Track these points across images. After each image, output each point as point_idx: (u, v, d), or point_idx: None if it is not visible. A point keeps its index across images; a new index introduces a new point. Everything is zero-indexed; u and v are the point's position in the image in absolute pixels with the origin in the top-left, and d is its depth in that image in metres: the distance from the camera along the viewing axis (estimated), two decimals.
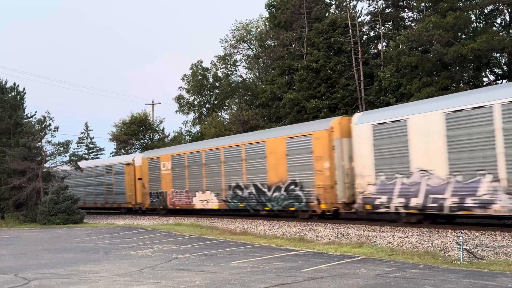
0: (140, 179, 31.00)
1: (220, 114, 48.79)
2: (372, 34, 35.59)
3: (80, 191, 35.15)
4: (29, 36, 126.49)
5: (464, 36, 26.97)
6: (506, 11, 27.70)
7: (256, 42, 46.57)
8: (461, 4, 26.87)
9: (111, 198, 33.64)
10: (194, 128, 50.63)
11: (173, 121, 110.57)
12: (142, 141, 49.49)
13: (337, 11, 37.97)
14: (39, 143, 29.24)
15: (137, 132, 48.66)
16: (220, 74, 49.44)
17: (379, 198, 17.18)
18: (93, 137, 57.20)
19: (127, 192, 32.06)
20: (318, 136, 19.80)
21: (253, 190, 22.65)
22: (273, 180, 21.66)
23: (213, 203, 25.05)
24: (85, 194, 35.18)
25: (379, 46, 34.29)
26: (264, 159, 22.16)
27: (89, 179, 35.63)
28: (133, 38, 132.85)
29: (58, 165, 29.83)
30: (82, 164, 34.63)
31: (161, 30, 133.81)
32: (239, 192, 23.40)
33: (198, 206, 26.04)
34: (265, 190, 21.97)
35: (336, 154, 19.16)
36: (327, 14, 37.20)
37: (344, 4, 37.28)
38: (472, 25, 27.92)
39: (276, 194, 21.43)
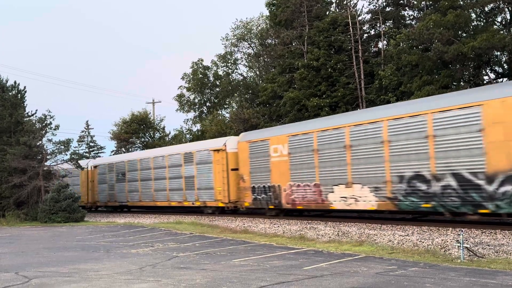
0: (235, 169, 24.39)
1: (220, 112, 48.81)
2: (372, 32, 35.57)
3: (146, 186, 30.59)
4: (29, 35, 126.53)
5: (464, 35, 26.95)
6: (506, 9, 27.67)
7: (257, 41, 46.56)
8: (461, 3, 26.83)
9: (191, 194, 26.97)
10: (195, 126, 50.73)
11: (173, 120, 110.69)
12: (142, 139, 49.53)
13: (337, 10, 37.94)
14: (40, 142, 29.30)
15: (137, 130, 48.71)
16: (220, 73, 49.48)
17: None
18: (94, 136, 57.13)
19: (216, 187, 25.31)
20: None
21: (452, 183, 15.39)
22: (499, 166, 14.24)
23: (367, 202, 17.92)
24: (154, 190, 29.81)
25: (380, 45, 34.30)
26: (476, 133, 14.75)
27: (160, 170, 29.47)
28: (133, 37, 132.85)
29: (59, 163, 29.85)
30: (148, 152, 32.33)
31: (161, 29, 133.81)
32: (422, 186, 16.25)
33: (338, 205, 19.08)
34: (480, 181, 14.66)
35: None
36: (327, 13, 37.17)
37: (345, 2, 37.24)
38: (473, 24, 27.89)
39: (508, 188, 14.10)
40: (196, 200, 26.59)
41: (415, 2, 31.31)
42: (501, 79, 27.78)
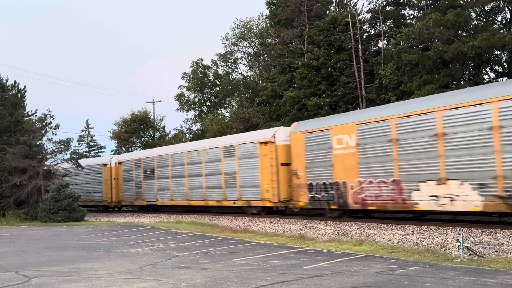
0: (286, 164, 21.81)
1: (220, 112, 48.81)
2: (372, 32, 35.54)
3: (179, 184, 28.02)
4: (29, 35, 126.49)
5: (464, 34, 26.93)
6: (506, 8, 27.65)
7: (257, 40, 46.56)
8: (461, 2, 26.81)
9: (233, 193, 24.40)
10: (195, 126, 50.74)
11: (174, 119, 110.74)
12: (142, 139, 49.54)
13: (337, 9, 37.93)
14: (40, 141, 29.33)
15: (137, 130, 48.70)
16: (220, 72, 49.47)
17: None
18: (94, 135, 57.21)
19: (262, 184, 22.57)
20: None
21: None
22: None
23: (469, 202, 14.88)
24: (188, 188, 27.13)
25: (380, 44, 34.27)
26: None
27: (195, 166, 26.83)
28: (133, 37, 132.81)
29: (59, 163, 29.86)
30: (181, 146, 29.77)
31: (161, 28, 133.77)
32: None
33: (426, 206, 16.11)
34: None
35: None
36: (327, 12, 37.16)
37: (345, 1, 37.22)
38: (473, 23, 27.87)
39: None
40: (238, 199, 23.91)
41: (415, 1, 31.29)
42: (501, 78, 27.78)
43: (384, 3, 34.20)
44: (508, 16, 28.05)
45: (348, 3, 36.14)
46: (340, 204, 18.96)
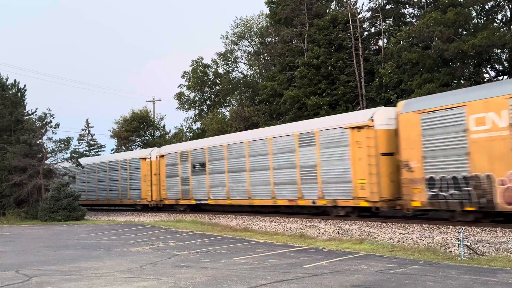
0: (387, 154, 17.79)
1: (221, 110, 48.81)
2: (372, 30, 35.50)
3: (238, 180, 24.18)
4: (29, 34, 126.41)
5: (465, 32, 26.91)
6: (507, 7, 27.62)
7: (257, 39, 46.53)
8: (461, 0, 26.78)
9: (312, 190, 20.26)
10: (195, 124, 50.74)
11: (174, 118, 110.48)
12: (143, 138, 49.54)
13: (337, 8, 37.89)
14: (40, 140, 29.31)
15: (138, 129, 48.70)
16: (220, 71, 49.47)
17: None
18: (94, 134, 57.13)
19: (355, 179, 18.51)
20: None
21: None
22: None
23: None
24: (250, 184, 23.48)
25: (380, 43, 34.23)
26: None
27: (259, 159, 23.07)
28: (133, 37, 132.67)
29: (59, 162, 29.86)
30: (240, 136, 25.87)
31: (161, 28, 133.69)
32: None
33: None
34: None
35: None
36: (327, 11, 37.13)
37: (345, 0, 37.19)
38: (473, 21, 27.84)
39: None
40: (319, 198, 19.98)
41: (415, 0, 31.26)
42: (502, 77, 27.77)
43: (384, 1, 34.16)
44: (508, 14, 28.02)
45: (348, 1, 36.10)
46: (482, 205, 14.72)
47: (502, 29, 26.19)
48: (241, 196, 24.03)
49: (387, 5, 33.92)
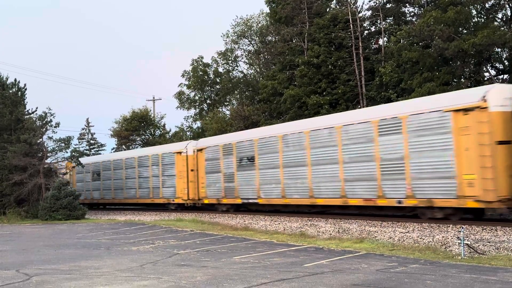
0: (506, 142, 14.70)
1: (221, 109, 48.82)
2: (373, 29, 35.50)
3: (295, 176, 21.02)
4: (29, 34, 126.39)
5: (465, 31, 26.89)
6: (507, 5, 27.60)
7: (257, 38, 46.53)
8: None
9: (397, 187, 17.14)
10: (195, 123, 50.75)
11: (174, 117, 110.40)
12: (143, 137, 49.54)
13: (338, 6, 37.87)
14: (40, 139, 29.32)
15: (138, 128, 48.68)
16: (221, 70, 49.47)
17: None
18: (94, 133, 57.02)
19: (459, 174, 15.32)
20: None
21: None
22: None
23: None
24: (312, 181, 20.18)
25: (380, 41, 34.22)
26: None
27: (322, 151, 19.88)
28: (133, 37, 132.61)
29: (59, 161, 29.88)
30: (297, 125, 22.45)
31: (161, 27, 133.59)
32: None
33: None
34: None
35: None
36: (328, 9, 37.12)
37: None
38: (473, 20, 27.83)
39: None
40: (408, 197, 16.71)
41: None
42: (502, 76, 27.75)
43: (384, 0, 34.15)
44: (509, 13, 28.00)
45: (349, 0, 36.09)
46: None
47: (503, 28, 26.18)
48: (300, 195, 20.84)
49: (387, 4, 33.90)
